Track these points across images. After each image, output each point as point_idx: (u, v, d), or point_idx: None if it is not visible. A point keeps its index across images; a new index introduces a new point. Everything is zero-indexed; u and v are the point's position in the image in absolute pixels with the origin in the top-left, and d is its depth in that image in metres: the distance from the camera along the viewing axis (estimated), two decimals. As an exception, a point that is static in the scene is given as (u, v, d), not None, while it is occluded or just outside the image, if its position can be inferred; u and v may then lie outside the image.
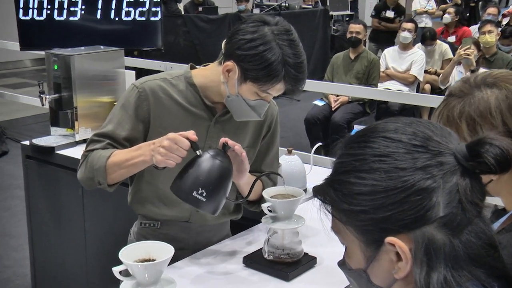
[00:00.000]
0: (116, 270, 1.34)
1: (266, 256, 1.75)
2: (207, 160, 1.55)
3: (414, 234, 0.78)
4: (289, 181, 2.27)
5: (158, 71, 3.47)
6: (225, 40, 1.69)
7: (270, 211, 1.71)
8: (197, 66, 1.86)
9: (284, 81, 1.62)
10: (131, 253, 1.36)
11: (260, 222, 1.77)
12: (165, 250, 1.37)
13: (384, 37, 8.34)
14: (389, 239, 0.79)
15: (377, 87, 5.44)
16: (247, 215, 2.34)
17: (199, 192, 1.52)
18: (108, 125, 1.78)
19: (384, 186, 0.79)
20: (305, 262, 1.74)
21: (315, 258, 1.77)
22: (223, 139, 1.62)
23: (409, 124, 0.83)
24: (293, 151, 2.44)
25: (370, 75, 5.45)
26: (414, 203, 0.78)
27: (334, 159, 0.87)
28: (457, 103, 1.16)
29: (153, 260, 1.36)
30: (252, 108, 1.70)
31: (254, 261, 1.76)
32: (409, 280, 0.80)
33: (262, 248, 1.77)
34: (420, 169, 0.78)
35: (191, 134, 1.57)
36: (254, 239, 1.93)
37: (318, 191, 0.87)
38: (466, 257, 0.79)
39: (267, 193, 1.74)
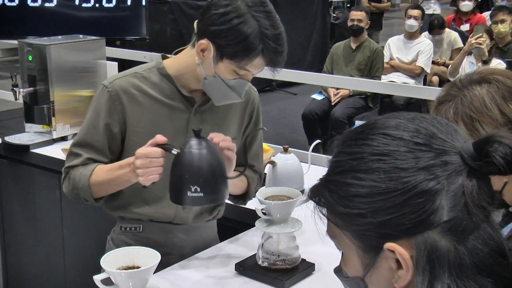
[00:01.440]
0: (97, 278, 1.34)
1: (260, 262, 1.76)
2: (187, 155, 1.56)
3: (415, 240, 0.77)
4: (285, 181, 2.29)
5: (143, 63, 3.49)
6: (197, 20, 1.71)
7: (264, 213, 1.72)
8: (168, 55, 1.88)
9: (262, 55, 1.63)
10: (114, 260, 1.37)
11: (254, 225, 1.77)
12: (150, 256, 1.38)
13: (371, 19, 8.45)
14: (389, 245, 0.78)
15: (380, 79, 5.45)
16: (239, 218, 2.35)
17: (193, 190, 1.53)
18: (82, 132, 1.81)
19: (383, 187, 0.78)
20: (302, 269, 1.75)
21: (314, 264, 1.78)
22: (210, 136, 1.62)
23: (411, 120, 0.83)
24: (289, 149, 2.45)
25: (373, 67, 5.46)
26: (415, 206, 0.77)
27: (330, 157, 0.87)
28: (449, 107, 1.22)
29: (138, 267, 1.36)
30: (232, 89, 1.71)
31: (247, 268, 1.77)
32: None
33: (256, 254, 1.78)
34: (423, 169, 0.78)
35: (158, 138, 1.59)
36: (247, 244, 1.94)
37: (313, 192, 0.87)
38: (472, 265, 0.78)
39: (262, 194, 1.75)
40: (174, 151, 1.58)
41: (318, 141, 2.63)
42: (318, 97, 5.50)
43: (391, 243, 0.78)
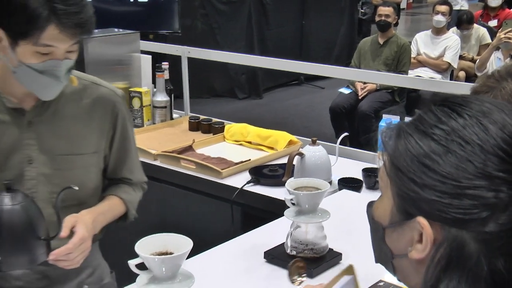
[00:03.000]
0: (132, 263, 1.36)
1: (288, 251, 1.76)
2: None
3: (448, 231, 0.75)
4: (313, 172, 2.28)
5: (175, 56, 3.51)
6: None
7: (293, 204, 1.72)
8: None
9: (55, 22, 1.40)
10: (148, 246, 1.38)
11: (282, 215, 1.77)
12: (183, 243, 1.39)
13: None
14: (422, 220, 0.76)
15: (407, 74, 5.40)
16: (268, 208, 2.36)
17: None
18: None
19: (446, 171, 0.74)
20: (329, 259, 1.74)
21: (341, 254, 1.77)
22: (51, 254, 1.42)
23: (509, 116, 0.76)
24: (317, 141, 2.45)
25: (400, 61, 5.41)
26: (464, 204, 0.73)
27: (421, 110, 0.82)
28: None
29: (171, 253, 1.37)
30: (45, 74, 1.46)
31: (276, 256, 1.77)
32: (417, 267, 0.80)
33: (284, 242, 1.78)
34: (486, 177, 0.73)
35: None
36: (276, 233, 1.94)
37: (388, 129, 0.83)
38: (489, 282, 0.74)
39: (291, 185, 1.75)
40: None
41: (345, 134, 2.61)
42: (345, 91, 5.47)
43: (425, 220, 0.76)
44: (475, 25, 6.42)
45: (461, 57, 6.09)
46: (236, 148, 2.93)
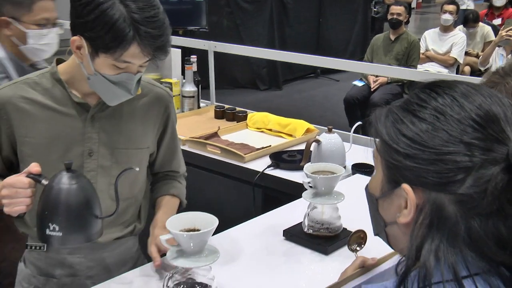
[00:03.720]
0: (163, 238, 1.36)
1: (305, 230, 1.75)
2: (49, 190, 1.31)
3: (428, 195, 0.78)
4: (329, 158, 2.27)
5: (203, 50, 3.50)
6: None
7: (310, 186, 1.71)
8: (65, 59, 1.57)
9: (137, 42, 1.35)
10: (177, 223, 1.39)
11: (300, 197, 1.76)
12: (209, 221, 1.39)
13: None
14: (405, 186, 0.80)
15: (416, 68, 5.34)
16: (287, 190, 2.35)
17: (51, 228, 1.29)
18: None
19: (424, 139, 0.78)
20: (343, 237, 1.73)
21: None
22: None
23: (485, 96, 0.80)
24: (332, 129, 2.42)
25: (409, 57, 5.35)
26: (441, 169, 0.77)
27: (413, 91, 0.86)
28: None
29: (198, 230, 1.37)
30: (117, 85, 1.43)
31: (294, 234, 1.76)
32: (405, 231, 0.82)
33: (302, 222, 1.77)
34: (464, 144, 0.76)
35: (32, 167, 1.33)
36: (294, 214, 1.93)
37: (378, 112, 0.87)
38: (464, 240, 0.77)
39: (308, 169, 1.73)
40: (44, 182, 1.32)
41: (359, 123, 2.59)
42: (358, 83, 5.44)
43: (408, 186, 0.80)
44: (480, 23, 6.33)
45: (466, 53, 6.01)
46: (257, 135, 2.92)
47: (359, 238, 1.50)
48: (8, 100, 1.49)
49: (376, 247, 1.20)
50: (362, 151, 2.61)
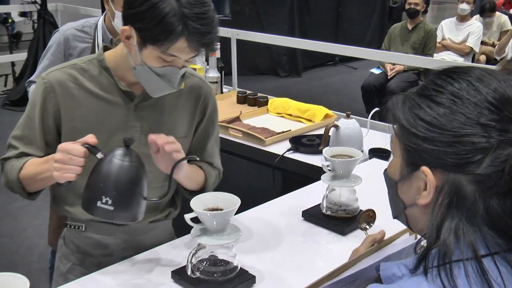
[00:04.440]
0: (187, 217, 1.37)
1: (324, 211, 1.75)
2: (108, 163, 1.29)
3: (447, 176, 0.78)
4: (347, 142, 2.26)
5: (226, 38, 3.49)
6: None
7: (329, 170, 1.70)
8: (111, 47, 1.56)
9: (185, 37, 1.32)
10: (202, 202, 1.39)
11: (318, 179, 1.76)
12: (232, 201, 1.39)
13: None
14: (424, 168, 0.80)
15: (432, 57, 5.26)
16: (306, 173, 2.35)
17: (103, 201, 1.27)
18: (20, 124, 1.54)
19: (442, 123, 0.78)
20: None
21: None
22: (150, 138, 1.38)
23: (500, 80, 0.80)
24: (350, 115, 2.41)
25: (426, 46, 5.28)
26: (459, 151, 0.76)
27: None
28: None
29: (221, 209, 1.38)
30: (162, 78, 1.41)
31: (312, 215, 1.76)
32: (425, 212, 0.82)
33: (320, 203, 1.77)
34: (481, 126, 0.76)
35: (89, 137, 1.32)
36: (312, 196, 1.93)
37: (395, 98, 0.87)
38: (483, 218, 0.77)
39: (327, 152, 1.73)
40: (99, 155, 1.31)
41: (376, 109, 2.57)
42: (376, 71, 5.39)
43: (427, 168, 0.79)
44: (497, 13, 6.21)
45: (482, 43, 5.91)
46: (278, 120, 2.91)
47: (369, 217, 1.50)
48: (58, 83, 1.48)
49: (384, 226, 1.20)
50: (379, 137, 2.59)
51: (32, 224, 3.67)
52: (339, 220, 1.72)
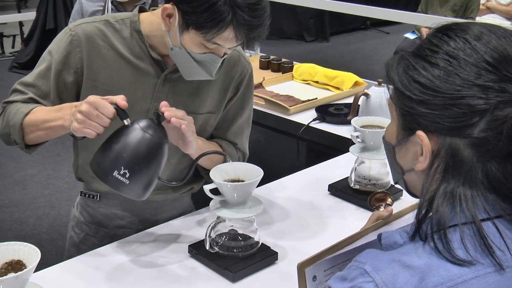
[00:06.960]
0: (207, 188, 1.37)
1: (352, 185, 1.74)
2: (134, 133, 1.27)
3: (443, 140, 0.79)
4: (377, 112, 2.24)
5: None
6: None
7: (359, 141, 1.69)
8: (147, 10, 1.52)
9: (233, 27, 1.29)
10: (222, 173, 1.40)
11: (345, 152, 1.75)
12: (253, 171, 1.39)
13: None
14: (420, 133, 0.81)
15: (474, 20, 5.15)
16: (332, 144, 2.34)
17: (121, 172, 1.25)
18: (34, 72, 1.50)
19: (437, 85, 0.78)
20: (392, 194, 1.72)
21: (402, 191, 1.74)
22: (161, 105, 1.34)
23: (499, 37, 0.80)
24: (382, 83, 2.38)
25: (468, 8, 5.16)
26: (455, 114, 0.77)
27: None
28: None
29: (242, 180, 1.38)
30: (200, 65, 1.38)
31: (339, 189, 1.76)
32: (422, 177, 0.84)
33: (348, 177, 1.77)
34: (478, 86, 0.76)
35: (120, 99, 1.28)
36: (339, 168, 1.92)
37: (391, 59, 0.87)
38: (482, 181, 0.78)
39: (357, 122, 1.72)
40: (126, 122, 1.29)
41: (411, 76, 2.54)
42: (411, 36, 5.31)
43: (423, 132, 0.81)
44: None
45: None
46: (303, 87, 2.90)
47: (380, 200, 1.48)
48: (87, 37, 1.44)
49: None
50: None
51: (42, 193, 3.74)
52: (367, 194, 1.71)
